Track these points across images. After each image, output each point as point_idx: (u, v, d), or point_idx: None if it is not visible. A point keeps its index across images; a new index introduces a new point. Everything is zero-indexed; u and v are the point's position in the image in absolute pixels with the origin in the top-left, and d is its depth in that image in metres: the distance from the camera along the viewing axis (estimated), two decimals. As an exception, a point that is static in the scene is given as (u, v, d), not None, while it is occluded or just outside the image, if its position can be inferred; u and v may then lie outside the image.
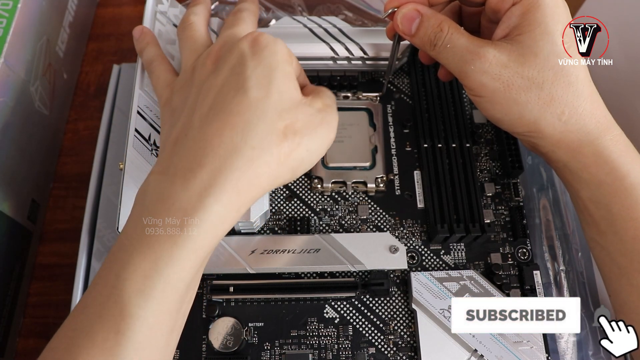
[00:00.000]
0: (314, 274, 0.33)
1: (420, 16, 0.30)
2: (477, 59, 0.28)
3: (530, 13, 0.27)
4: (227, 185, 0.24)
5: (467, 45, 0.28)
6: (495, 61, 0.27)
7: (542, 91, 0.27)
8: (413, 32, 0.30)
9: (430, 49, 0.30)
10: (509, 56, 0.27)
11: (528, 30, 0.27)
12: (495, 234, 0.35)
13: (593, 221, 0.30)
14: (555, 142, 0.29)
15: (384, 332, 0.32)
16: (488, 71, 0.28)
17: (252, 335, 0.32)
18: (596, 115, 0.28)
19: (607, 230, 0.29)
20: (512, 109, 0.28)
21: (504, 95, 0.28)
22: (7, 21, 0.35)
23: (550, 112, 0.28)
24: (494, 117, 0.30)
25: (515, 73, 0.27)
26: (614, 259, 0.29)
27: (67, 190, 0.43)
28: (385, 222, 0.35)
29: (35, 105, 0.39)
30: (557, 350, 0.32)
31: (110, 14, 0.37)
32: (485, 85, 0.28)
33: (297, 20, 0.38)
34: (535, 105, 0.28)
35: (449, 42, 0.29)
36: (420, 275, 0.32)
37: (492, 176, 0.36)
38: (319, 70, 0.38)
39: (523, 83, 0.27)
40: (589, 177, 0.29)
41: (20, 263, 0.38)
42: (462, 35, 0.29)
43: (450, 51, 0.29)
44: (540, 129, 0.28)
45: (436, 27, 0.29)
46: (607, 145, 0.28)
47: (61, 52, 0.43)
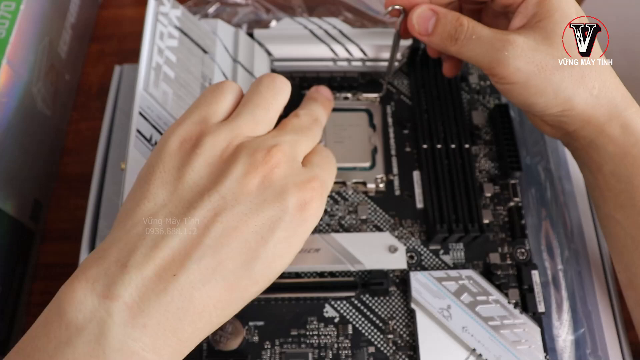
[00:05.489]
0: (313, 274, 0.33)
1: (435, 14, 0.31)
2: (509, 44, 0.28)
3: (546, 0, 0.28)
4: (185, 351, 0.22)
5: (494, 34, 0.29)
6: (525, 46, 0.28)
7: (573, 69, 0.28)
8: (430, 30, 0.31)
9: (451, 44, 0.30)
10: (535, 40, 0.28)
11: (548, 15, 0.28)
12: (494, 234, 0.35)
13: (612, 196, 0.30)
14: (586, 118, 0.30)
15: (383, 332, 0.32)
16: (522, 55, 0.28)
17: (253, 334, 0.32)
18: (620, 89, 0.30)
19: (625, 203, 0.30)
20: (547, 90, 0.29)
21: (539, 77, 0.28)
22: (10, 22, 0.35)
23: (583, 88, 0.29)
24: (527, 101, 0.30)
25: (547, 55, 0.28)
26: (629, 233, 0.30)
27: (69, 190, 0.43)
28: (385, 222, 0.35)
29: (37, 106, 0.39)
30: (555, 349, 0.33)
31: (112, 15, 0.37)
32: (520, 70, 0.28)
33: (297, 21, 0.38)
34: (569, 84, 0.29)
35: (473, 33, 0.29)
36: (420, 275, 0.33)
37: (491, 177, 0.37)
38: (319, 71, 0.38)
39: (555, 63, 0.28)
40: (614, 149, 0.30)
41: (23, 262, 0.39)
42: (484, 27, 0.30)
43: (476, 42, 0.29)
44: (574, 106, 0.29)
45: (455, 22, 0.30)
46: (634, 117, 0.29)
47: (63, 54, 0.43)
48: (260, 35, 0.37)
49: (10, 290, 0.37)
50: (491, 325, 0.31)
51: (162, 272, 0.20)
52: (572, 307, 0.34)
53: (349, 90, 0.38)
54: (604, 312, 0.34)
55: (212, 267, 0.21)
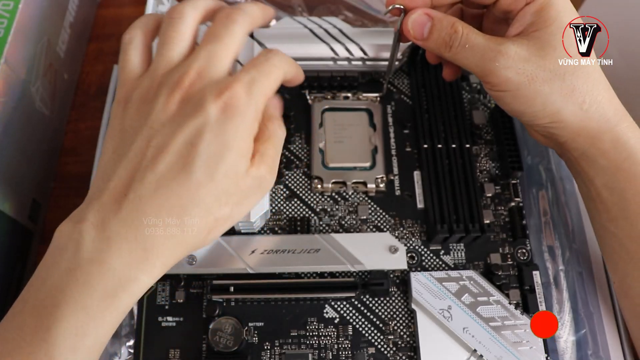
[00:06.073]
0: (313, 274, 0.33)
1: (431, 20, 0.30)
2: (500, 55, 0.28)
3: (545, 10, 0.28)
4: (157, 262, 0.25)
5: (487, 43, 0.29)
6: (517, 56, 0.28)
7: (563, 82, 0.28)
8: (425, 36, 0.31)
9: (446, 50, 0.30)
10: (528, 51, 0.28)
11: (544, 26, 0.28)
12: (494, 234, 0.35)
13: (605, 208, 0.30)
14: (576, 131, 0.30)
15: (383, 332, 0.32)
16: (512, 66, 0.28)
17: (252, 335, 0.32)
18: (613, 103, 0.29)
19: (618, 215, 0.30)
20: (535, 101, 0.29)
21: (528, 88, 0.29)
22: (8, 21, 0.35)
23: (572, 102, 0.29)
24: (516, 110, 0.30)
25: (537, 66, 0.28)
26: (623, 244, 0.30)
27: (68, 190, 0.43)
28: (385, 222, 0.35)
29: (36, 105, 0.39)
30: (556, 349, 0.32)
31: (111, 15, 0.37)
32: (510, 80, 0.29)
33: (297, 20, 0.38)
34: (558, 96, 0.29)
35: (467, 41, 0.29)
36: (420, 276, 0.32)
37: (492, 177, 0.36)
38: (319, 70, 0.38)
39: (546, 75, 0.28)
40: (606, 163, 0.30)
41: (22, 263, 0.38)
42: (478, 34, 0.29)
43: (469, 51, 0.29)
44: (563, 119, 0.29)
45: (450, 29, 0.30)
46: (625, 132, 0.29)
47: (62, 53, 0.43)
48: (260, 34, 0.37)
49: (8, 291, 0.37)
50: (492, 326, 0.31)
51: (115, 195, 0.25)
52: (573, 307, 0.34)
53: (349, 89, 0.38)
54: (606, 313, 0.34)
55: (154, 181, 0.25)
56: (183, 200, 0.25)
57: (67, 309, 0.23)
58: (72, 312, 0.23)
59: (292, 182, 0.36)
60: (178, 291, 0.33)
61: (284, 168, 0.36)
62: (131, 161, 0.25)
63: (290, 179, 0.36)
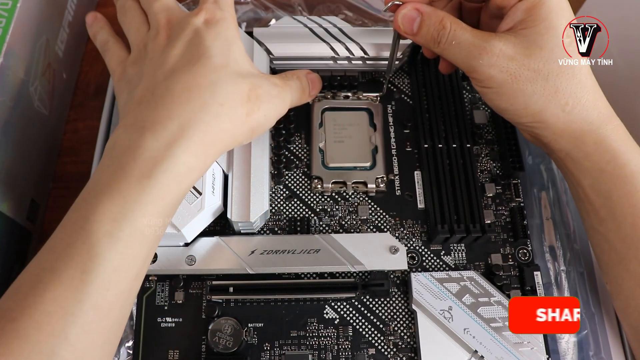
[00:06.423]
0: (313, 275, 0.33)
1: (420, 15, 0.30)
2: (485, 53, 0.28)
3: (536, 9, 0.28)
4: (195, 137, 0.26)
5: (473, 40, 0.29)
6: (501, 54, 0.28)
7: (547, 83, 0.28)
8: (415, 31, 0.31)
9: (434, 46, 0.30)
10: (514, 49, 0.28)
11: (533, 25, 0.28)
12: (495, 235, 0.35)
13: (593, 209, 0.30)
14: (559, 132, 0.29)
15: (384, 333, 0.32)
16: (496, 64, 0.28)
17: (252, 335, 0.32)
18: (598, 106, 0.29)
19: (606, 217, 0.30)
20: (518, 100, 0.29)
21: (511, 86, 0.28)
22: (7, 21, 0.35)
23: (555, 103, 0.29)
24: (499, 107, 0.30)
25: (522, 65, 0.28)
26: (613, 246, 0.30)
27: (66, 190, 0.43)
28: (386, 223, 0.35)
29: (34, 105, 0.39)
30: (557, 350, 0.32)
31: (110, 14, 0.37)
32: (494, 78, 0.29)
33: (297, 19, 0.38)
34: (540, 96, 0.28)
35: (454, 38, 0.29)
36: (421, 276, 0.32)
37: (493, 177, 0.36)
38: (319, 70, 0.38)
39: (529, 75, 0.28)
40: (590, 165, 0.29)
41: (20, 263, 0.38)
42: (466, 31, 0.29)
43: (456, 47, 0.29)
44: (545, 119, 0.29)
45: (438, 25, 0.30)
46: (609, 135, 0.29)
47: (60, 52, 0.43)
48: (260, 33, 0.37)
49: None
50: (493, 326, 0.31)
51: (137, 102, 0.28)
52: (574, 308, 0.34)
53: (349, 89, 0.38)
54: (607, 314, 0.33)
55: (161, 94, 0.27)
56: (210, 77, 0.27)
57: (103, 196, 0.24)
58: (108, 197, 0.24)
59: (292, 182, 0.36)
60: (177, 292, 0.33)
61: (284, 168, 0.36)
62: (149, 75, 0.28)
63: (290, 179, 0.36)
